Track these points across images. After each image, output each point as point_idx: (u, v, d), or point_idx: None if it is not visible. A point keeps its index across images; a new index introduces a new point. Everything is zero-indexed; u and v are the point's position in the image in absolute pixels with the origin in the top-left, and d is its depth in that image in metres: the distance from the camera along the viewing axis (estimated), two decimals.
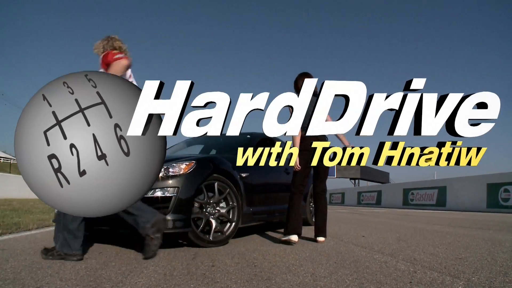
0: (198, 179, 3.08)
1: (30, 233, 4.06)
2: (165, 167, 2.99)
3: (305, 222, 4.58)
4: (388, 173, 43.91)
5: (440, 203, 15.13)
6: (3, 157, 44.18)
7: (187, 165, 3.06)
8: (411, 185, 17.97)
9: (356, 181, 40.96)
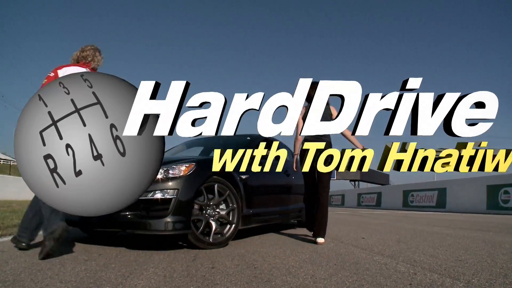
0: (198, 181, 3.07)
1: None
2: (165, 169, 2.98)
3: (304, 224, 4.55)
4: (388, 175, 43.91)
5: (440, 204, 15.12)
6: (2, 159, 44.14)
7: (187, 167, 3.05)
8: (411, 186, 17.96)
9: (356, 182, 40.98)
